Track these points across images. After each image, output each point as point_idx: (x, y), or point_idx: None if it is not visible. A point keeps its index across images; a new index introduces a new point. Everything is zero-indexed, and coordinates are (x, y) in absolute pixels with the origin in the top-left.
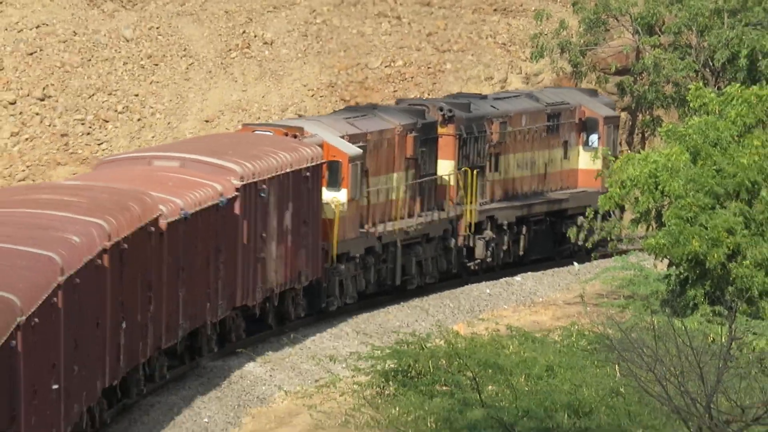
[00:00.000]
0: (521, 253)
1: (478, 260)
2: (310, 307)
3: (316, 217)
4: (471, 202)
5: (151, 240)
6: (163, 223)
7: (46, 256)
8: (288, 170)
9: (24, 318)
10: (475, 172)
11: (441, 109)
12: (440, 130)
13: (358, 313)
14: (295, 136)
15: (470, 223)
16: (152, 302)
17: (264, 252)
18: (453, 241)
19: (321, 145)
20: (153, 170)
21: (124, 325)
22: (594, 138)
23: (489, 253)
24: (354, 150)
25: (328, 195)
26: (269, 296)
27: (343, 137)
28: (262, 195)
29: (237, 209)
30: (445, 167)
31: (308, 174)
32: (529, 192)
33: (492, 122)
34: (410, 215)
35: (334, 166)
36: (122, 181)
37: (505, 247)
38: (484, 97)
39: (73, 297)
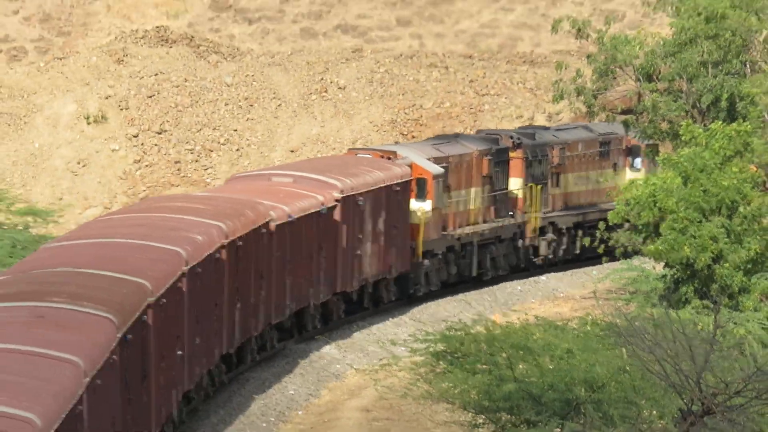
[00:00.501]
0: (577, 251)
1: (542, 257)
2: (401, 293)
3: (405, 222)
4: (536, 211)
5: (262, 238)
6: (272, 225)
7: (173, 251)
8: (381, 185)
9: (153, 299)
10: (539, 187)
11: (512, 137)
12: (511, 154)
13: (415, 305)
14: (389, 158)
15: (535, 228)
16: (263, 287)
17: (360, 249)
18: (521, 241)
19: (410, 165)
20: (271, 184)
21: (238, 305)
22: (638, 161)
23: (551, 251)
24: (437, 169)
25: (416, 205)
26: (364, 284)
27: (429, 159)
28: (360, 204)
29: (338, 215)
30: (515, 183)
31: (398, 188)
32: (585, 203)
33: (553, 148)
34: (485, 221)
35: (421, 182)
36: (244, 193)
37: (564, 247)
38: (547, 129)
39: (195, 283)
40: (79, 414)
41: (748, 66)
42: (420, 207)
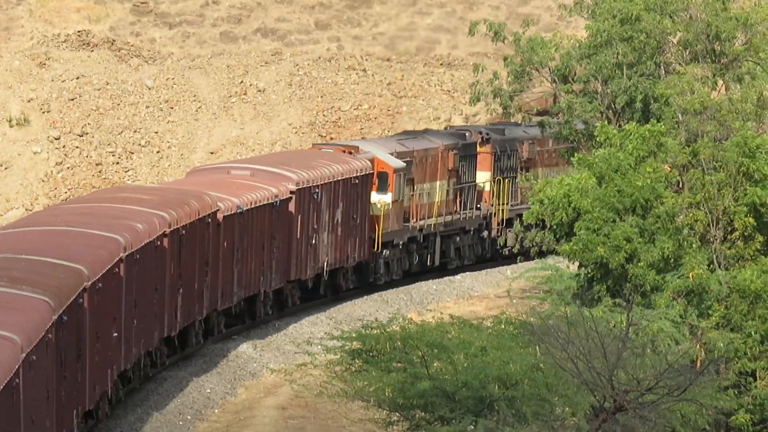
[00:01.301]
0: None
1: (509, 248)
2: (360, 281)
3: (364, 213)
4: (503, 204)
5: (209, 228)
6: (220, 216)
7: (112, 238)
8: (339, 178)
9: (89, 283)
10: (507, 180)
11: (480, 133)
12: (479, 149)
13: (332, 305)
14: (350, 153)
15: (502, 219)
16: (209, 274)
17: (315, 239)
18: (486, 232)
19: (372, 160)
20: (228, 177)
21: (181, 291)
22: None
23: (518, 242)
24: (399, 163)
25: (377, 197)
26: (320, 273)
27: (392, 153)
28: (315, 196)
29: (292, 207)
30: (483, 177)
31: (357, 181)
32: None
33: (523, 143)
34: (450, 213)
35: (382, 176)
36: (199, 185)
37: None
38: (518, 125)
39: (134, 268)
40: (15, 387)
41: (662, 67)
42: (380, 199)
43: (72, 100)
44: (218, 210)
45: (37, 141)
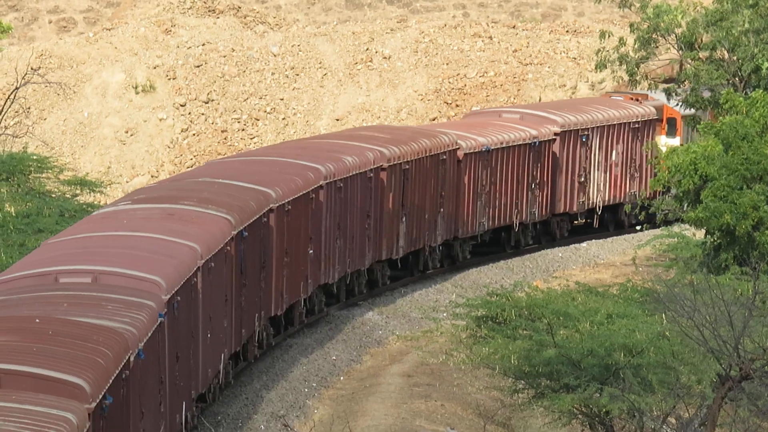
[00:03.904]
0: None
1: None
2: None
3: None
4: None
5: (446, 164)
6: (460, 153)
7: (315, 168)
8: (615, 123)
9: (276, 204)
10: None
11: None
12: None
13: (457, 273)
14: (638, 100)
15: None
16: (443, 207)
17: (584, 178)
18: None
19: (660, 107)
20: (498, 120)
21: (404, 220)
22: None
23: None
24: (687, 111)
25: (666, 140)
26: (593, 208)
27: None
28: (583, 138)
29: (555, 148)
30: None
31: (638, 125)
32: None
33: None
34: None
35: (671, 121)
36: (464, 127)
37: None
38: None
39: (337, 195)
40: (194, 284)
41: None
42: (668, 142)
43: (198, 66)
44: (458, 148)
45: (162, 108)
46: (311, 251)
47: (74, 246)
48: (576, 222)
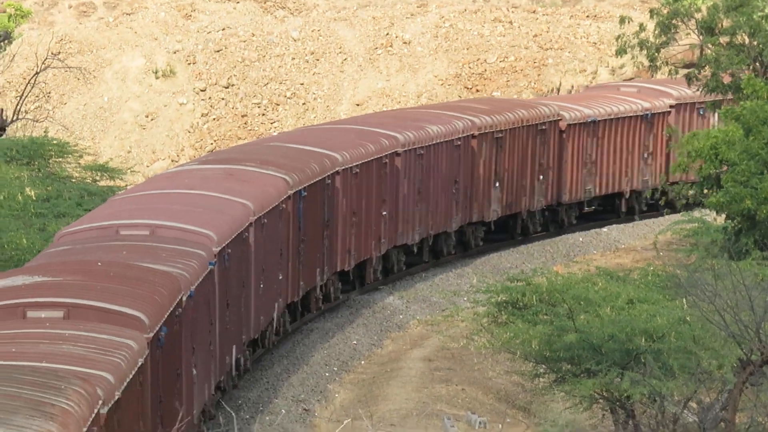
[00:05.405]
0: None
1: None
2: None
3: None
4: None
5: (545, 135)
6: (562, 124)
7: (391, 135)
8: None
9: (342, 168)
10: None
11: None
12: None
13: (476, 257)
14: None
15: None
16: (542, 176)
17: None
18: None
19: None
20: (616, 93)
21: (497, 185)
22: None
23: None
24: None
25: None
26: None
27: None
28: (700, 111)
29: (671, 119)
30: None
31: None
32: None
33: None
34: None
35: None
36: (572, 100)
37: None
38: None
39: (412, 161)
40: (246, 238)
41: None
42: None
43: (218, 51)
44: (560, 119)
45: (182, 92)
46: (385, 213)
47: (136, 202)
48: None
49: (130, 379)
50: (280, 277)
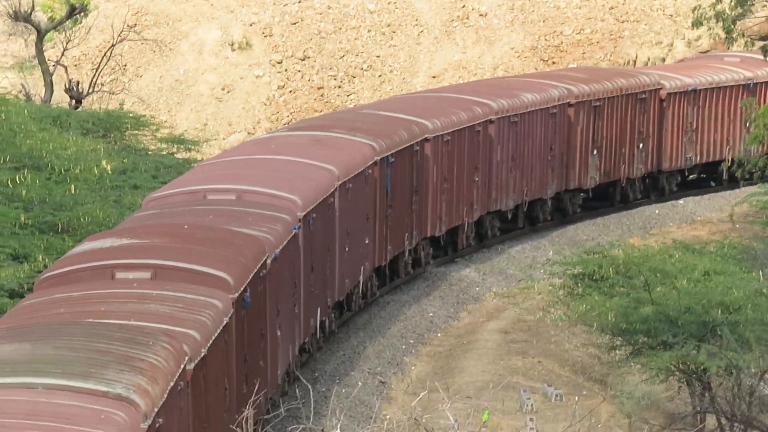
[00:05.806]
0: None
1: None
2: None
3: None
4: None
5: (645, 102)
6: (663, 93)
7: (483, 103)
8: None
9: (432, 135)
10: None
11: None
12: None
13: (555, 229)
14: None
15: None
16: (634, 143)
17: None
18: None
19: None
20: (716, 63)
21: (595, 153)
22: None
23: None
24: None
25: None
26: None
27: None
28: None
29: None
30: None
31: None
32: None
33: None
34: None
35: None
36: (672, 69)
37: None
38: None
39: (505, 129)
40: (330, 203)
41: None
42: None
43: (294, 24)
44: (660, 88)
45: (258, 65)
46: (477, 179)
47: (223, 168)
48: None
49: (215, 338)
50: (367, 242)
